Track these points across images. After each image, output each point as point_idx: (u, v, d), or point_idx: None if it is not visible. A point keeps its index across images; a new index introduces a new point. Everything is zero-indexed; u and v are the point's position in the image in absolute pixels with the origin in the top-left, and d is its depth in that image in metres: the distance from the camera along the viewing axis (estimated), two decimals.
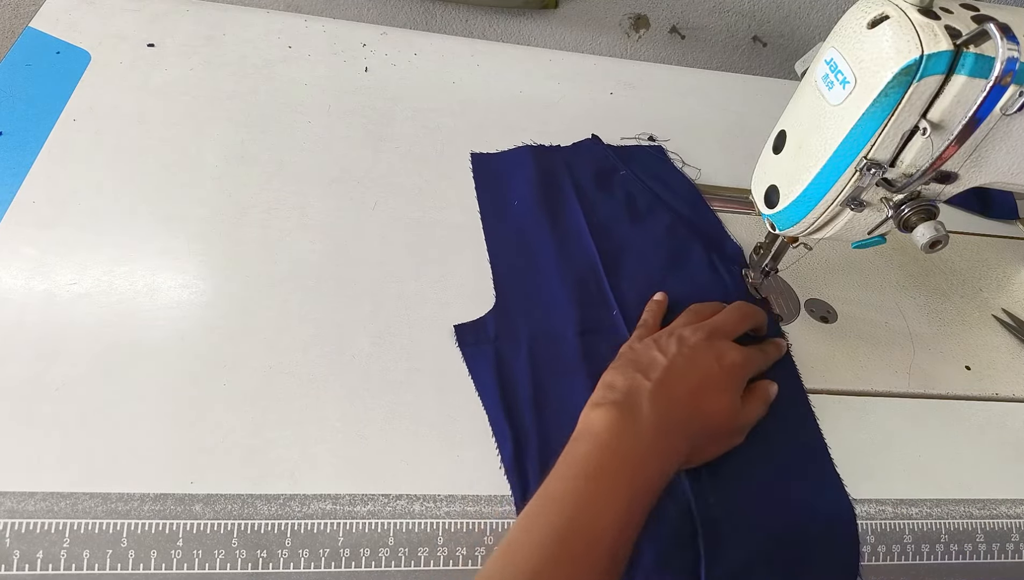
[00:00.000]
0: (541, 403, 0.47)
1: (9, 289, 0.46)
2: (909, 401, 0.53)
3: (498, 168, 0.63)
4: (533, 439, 0.45)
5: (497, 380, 0.48)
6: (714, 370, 0.44)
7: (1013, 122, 0.40)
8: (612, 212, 0.61)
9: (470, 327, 0.51)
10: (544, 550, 0.34)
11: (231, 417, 0.43)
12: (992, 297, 0.63)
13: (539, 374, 0.48)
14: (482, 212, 0.59)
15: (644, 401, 0.41)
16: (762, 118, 0.65)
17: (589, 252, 0.57)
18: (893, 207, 0.43)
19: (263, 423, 0.43)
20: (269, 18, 0.73)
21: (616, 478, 0.37)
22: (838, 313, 0.58)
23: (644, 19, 0.88)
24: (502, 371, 0.48)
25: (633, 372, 0.43)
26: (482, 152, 0.64)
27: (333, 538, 0.40)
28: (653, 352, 0.45)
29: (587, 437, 0.40)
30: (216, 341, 0.47)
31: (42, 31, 0.65)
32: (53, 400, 0.42)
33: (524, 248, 0.57)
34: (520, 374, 0.48)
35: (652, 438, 0.39)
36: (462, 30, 0.88)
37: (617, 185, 0.64)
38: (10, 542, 0.37)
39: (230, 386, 0.45)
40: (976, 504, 0.48)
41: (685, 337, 0.46)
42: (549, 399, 0.47)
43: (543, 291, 0.54)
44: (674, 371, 0.43)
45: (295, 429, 0.43)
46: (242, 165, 0.58)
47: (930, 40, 0.37)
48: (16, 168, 0.53)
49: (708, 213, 0.64)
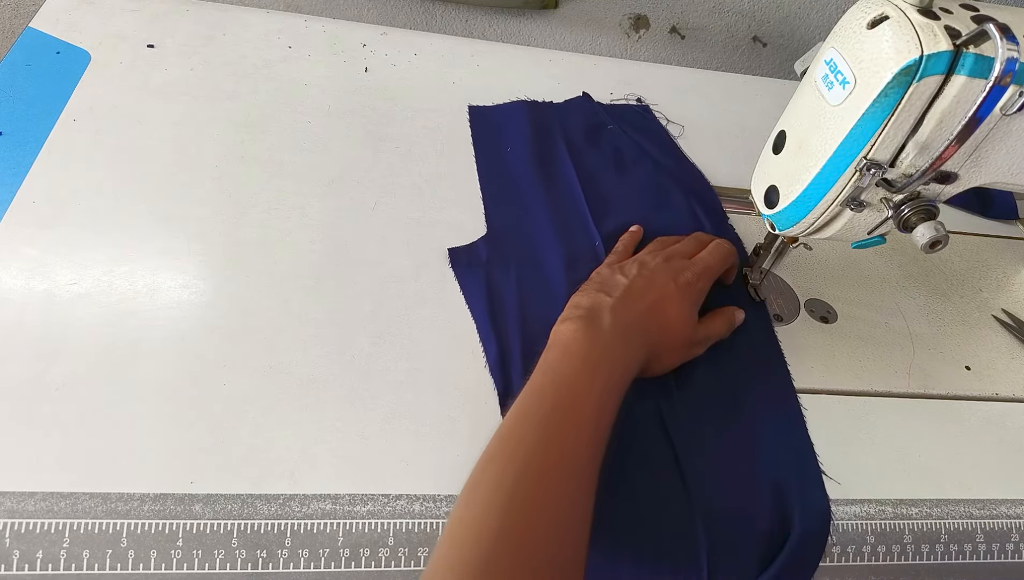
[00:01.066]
0: (526, 318, 0.51)
1: (9, 289, 0.46)
2: (909, 401, 0.53)
3: (494, 120, 0.67)
4: (516, 346, 0.49)
5: (486, 297, 0.52)
6: (670, 287, 0.49)
7: (1013, 122, 0.40)
8: (600, 162, 0.65)
9: (463, 250, 0.55)
10: (538, 432, 0.39)
11: (231, 417, 0.43)
12: (992, 297, 0.63)
13: (525, 295, 0.53)
14: (477, 158, 0.63)
15: (605, 314, 0.46)
16: (762, 118, 0.65)
17: (576, 196, 0.61)
18: (893, 207, 0.43)
19: (263, 423, 0.43)
20: (269, 18, 0.73)
21: (586, 376, 0.42)
22: (838, 313, 0.58)
23: (644, 19, 0.88)
24: (491, 291, 0.52)
25: (597, 292, 0.48)
26: (480, 104, 0.69)
27: (333, 538, 0.40)
28: (617, 276, 0.50)
29: (556, 346, 0.44)
30: (216, 341, 0.47)
31: (42, 31, 0.65)
32: (53, 400, 0.42)
33: (515, 188, 0.61)
34: (508, 294, 0.52)
35: (612, 342, 0.44)
36: (462, 30, 0.88)
37: (605, 139, 0.68)
38: (10, 542, 0.37)
39: (230, 386, 0.45)
40: (976, 504, 0.48)
41: (646, 262, 0.51)
42: (533, 316, 0.51)
43: (532, 226, 0.58)
44: (634, 289, 0.48)
45: (295, 429, 0.43)
46: (242, 165, 0.58)
47: (930, 40, 0.37)
48: (16, 168, 0.53)
49: (689, 166, 0.68)
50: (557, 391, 0.41)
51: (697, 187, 0.65)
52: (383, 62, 0.71)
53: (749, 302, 0.56)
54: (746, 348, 0.53)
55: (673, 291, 0.49)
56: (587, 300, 0.47)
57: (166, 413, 0.43)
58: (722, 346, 0.52)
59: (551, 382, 0.42)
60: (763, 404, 0.50)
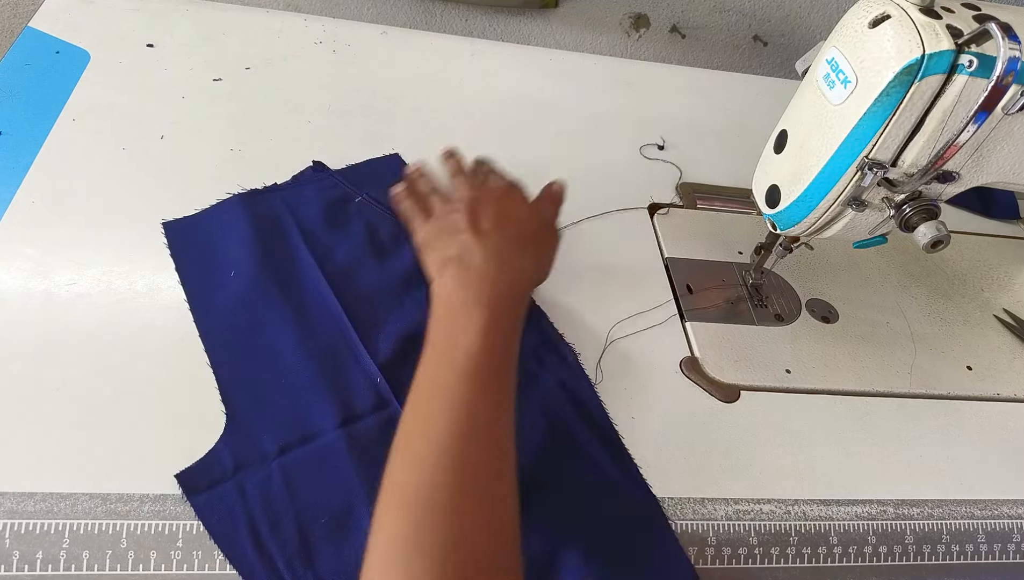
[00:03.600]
0: (314, 535, 0.39)
1: (9, 289, 0.46)
2: (910, 401, 0.53)
3: (202, 234, 0.51)
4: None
5: (248, 529, 0.38)
6: (496, 194, 0.50)
7: (1014, 122, 0.40)
8: (351, 253, 0.52)
9: (197, 470, 0.40)
10: (459, 376, 0.39)
11: None
12: (993, 297, 0.63)
13: (303, 496, 0.40)
14: (190, 299, 0.47)
15: (472, 245, 0.45)
16: (762, 118, 0.65)
17: (333, 313, 0.48)
18: (894, 207, 0.43)
19: None
20: (269, 18, 0.73)
21: (487, 310, 0.41)
22: (839, 313, 0.58)
23: (644, 18, 0.88)
24: (252, 512, 0.39)
25: (447, 237, 0.47)
26: (177, 218, 0.52)
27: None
28: (450, 216, 0.48)
29: (443, 303, 0.43)
30: None
31: (42, 31, 0.65)
32: (53, 400, 0.42)
33: (253, 334, 0.46)
34: (279, 505, 0.39)
35: (494, 266, 0.44)
36: (462, 30, 0.88)
37: (353, 216, 0.55)
38: (10, 542, 0.37)
39: None
40: (977, 504, 0.48)
41: (461, 192, 0.50)
42: (324, 525, 0.39)
43: (287, 385, 0.44)
44: (473, 213, 0.47)
45: None
46: (242, 165, 0.58)
47: (931, 39, 0.37)
48: (16, 168, 0.53)
49: None
50: (453, 354, 0.40)
51: None
52: (383, 62, 0.71)
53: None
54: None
55: (500, 193, 0.50)
56: (444, 248, 0.46)
57: (166, 413, 0.43)
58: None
59: (447, 345, 0.41)
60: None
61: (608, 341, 0.52)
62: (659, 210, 0.63)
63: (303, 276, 0.50)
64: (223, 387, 0.43)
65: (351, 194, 0.56)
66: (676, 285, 0.57)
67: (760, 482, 0.47)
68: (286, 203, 0.54)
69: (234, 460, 0.40)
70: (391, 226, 0.54)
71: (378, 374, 0.45)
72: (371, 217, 0.55)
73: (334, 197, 0.56)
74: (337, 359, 0.46)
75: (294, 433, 0.42)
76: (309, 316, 0.48)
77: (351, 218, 0.54)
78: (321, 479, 0.40)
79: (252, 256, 0.50)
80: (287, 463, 0.41)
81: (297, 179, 0.57)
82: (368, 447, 0.42)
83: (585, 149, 0.67)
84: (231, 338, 0.46)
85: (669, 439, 0.47)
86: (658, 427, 0.48)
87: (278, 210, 0.54)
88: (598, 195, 0.63)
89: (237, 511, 0.39)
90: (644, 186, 0.65)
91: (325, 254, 0.51)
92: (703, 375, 0.51)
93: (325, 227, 0.53)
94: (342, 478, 0.41)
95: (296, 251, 0.51)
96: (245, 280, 0.48)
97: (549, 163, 0.65)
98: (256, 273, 0.49)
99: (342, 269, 0.51)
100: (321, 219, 0.54)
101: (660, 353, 0.52)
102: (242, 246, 0.50)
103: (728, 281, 0.58)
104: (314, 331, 0.47)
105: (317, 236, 0.53)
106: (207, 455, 0.40)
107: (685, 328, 0.54)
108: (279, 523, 0.39)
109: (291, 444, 0.41)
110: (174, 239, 0.50)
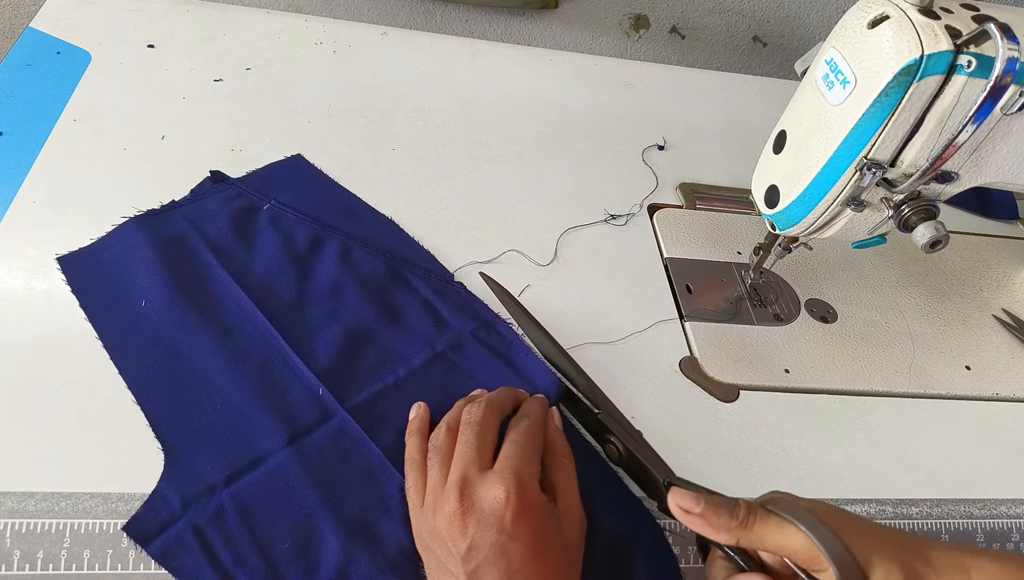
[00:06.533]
0: (280, 560, 0.37)
1: (9, 289, 0.46)
2: (909, 401, 0.53)
3: (103, 265, 0.48)
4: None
5: (212, 566, 0.36)
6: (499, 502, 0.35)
7: (1013, 122, 0.40)
8: (268, 263, 0.50)
9: (143, 516, 0.37)
10: None
11: None
12: (992, 297, 0.63)
13: (262, 523, 0.38)
14: (101, 336, 0.44)
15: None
16: (762, 118, 0.65)
17: (260, 327, 0.46)
18: (893, 207, 0.43)
19: None
20: (269, 18, 0.73)
21: None
22: (838, 313, 0.58)
23: (644, 19, 0.88)
24: (213, 548, 0.37)
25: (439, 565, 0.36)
26: (71, 251, 0.48)
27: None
28: (450, 543, 0.35)
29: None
30: None
31: (42, 31, 0.65)
32: (53, 400, 0.42)
33: (176, 363, 0.44)
34: (238, 536, 0.37)
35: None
36: (462, 30, 0.88)
37: (265, 225, 0.52)
38: (10, 542, 0.37)
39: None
40: (976, 504, 0.48)
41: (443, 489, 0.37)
42: (288, 550, 0.38)
43: (223, 410, 0.42)
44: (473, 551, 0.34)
45: None
46: (242, 165, 0.58)
47: (930, 40, 0.37)
48: (16, 168, 0.53)
49: (380, 220, 0.55)
50: None
51: (391, 241, 0.53)
52: (383, 62, 0.71)
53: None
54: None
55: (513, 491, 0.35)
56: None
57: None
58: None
59: None
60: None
61: (608, 341, 0.52)
62: (659, 210, 0.63)
63: (221, 294, 0.47)
64: (154, 424, 0.41)
65: (258, 202, 0.54)
66: (676, 285, 0.57)
67: (759, 481, 0.47)
68: (189, 220, 0.51)
69: (181, 498, 0.38)
70: (307, 230, 0.52)
71: (319, 384, 0.43)
72: (283, 223, 0.52)
73: (240, 207, 0.53)
74: (273, 375, 0.44)
75: (240, 459, 0.40)
76: (235, 335, 0.45)
77: (262, 227, 0.52)
78: (278, 502, 0.39)
79: (162, 282, 0.47)
80: (238, 491, 0.39)
81: (196, 193, 0.54)
82: (319, 461, 0.41)
83: (585, 149, 0.67)
84: (153, 371, 0.43)
85: (668, 439, 0.47)
86: (657, 427, 0.48)
87: (181, 229, 0.51)
88: (598, 195, 0.63)
89: (196, 551, 0.37)
90: (644, 186, 0.65)
91: (241, 268, 0.49)
92: (702, 375, 0.51)
93: (236, 240, 0.51)
94: (298, 497, 0.39)
95: (209, 269, 0.48)
96: (158, 308, 0.46)
97: (549, 163, 0.65)
98: (169, 299, 0.46)
99: (262, 281, 0.48)
100: (230, 232, 0.51)
101: (659, 353, 0.52)
102: (149, 273, 0.47)
103: (727, 281, 0.58)
104: (243, 350, 0.45)
105: (229, 250, 0.50)
106: (151, 498, 0.38)
107: (684, 328, 0.54)
108: (243, 554, 0.37)
109: (239, 471, 0.40)
110: (73, 274, 0.47)
